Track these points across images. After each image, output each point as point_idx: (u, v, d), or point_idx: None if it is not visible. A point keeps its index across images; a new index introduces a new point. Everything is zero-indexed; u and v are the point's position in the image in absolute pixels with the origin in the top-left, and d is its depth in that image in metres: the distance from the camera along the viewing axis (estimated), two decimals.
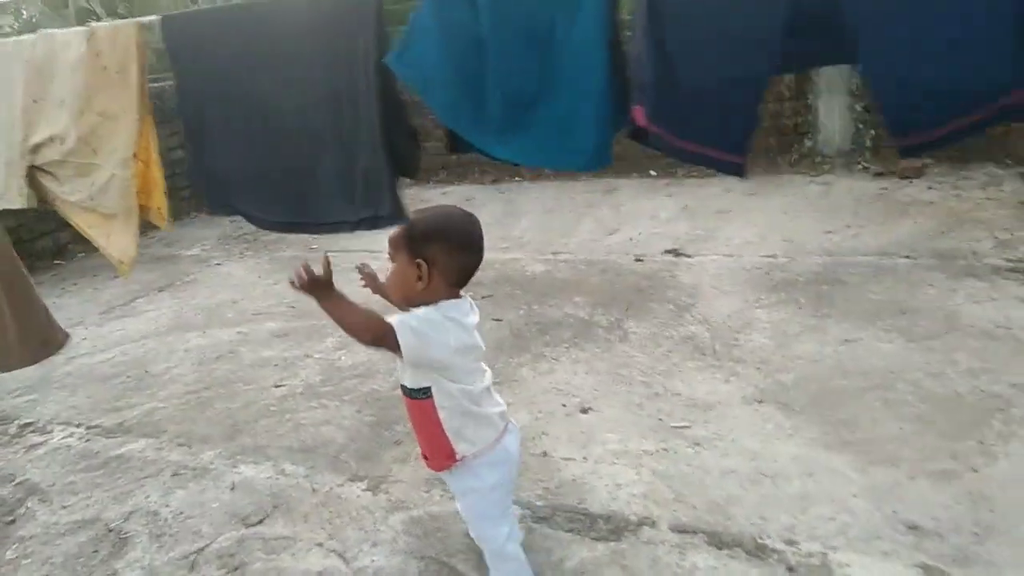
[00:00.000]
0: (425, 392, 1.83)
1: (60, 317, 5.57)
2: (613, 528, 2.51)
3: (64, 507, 3.05)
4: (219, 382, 4.06)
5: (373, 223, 1.75)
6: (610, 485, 2.74)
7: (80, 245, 7.32)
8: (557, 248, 5.57)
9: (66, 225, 2.72)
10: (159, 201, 2.05)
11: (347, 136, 1.67)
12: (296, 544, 2.64)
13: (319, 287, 1.71)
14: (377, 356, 4.08)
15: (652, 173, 7.09)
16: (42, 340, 2.47)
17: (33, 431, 3.77)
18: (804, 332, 3.74)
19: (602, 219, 6.10)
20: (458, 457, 1.92)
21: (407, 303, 1.81)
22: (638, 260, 5.06)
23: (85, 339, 5.03)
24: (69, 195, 2.13)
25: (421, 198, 7.68)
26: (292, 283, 1.70)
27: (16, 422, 3.89)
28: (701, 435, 2.98)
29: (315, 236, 6.95)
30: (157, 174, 2.04)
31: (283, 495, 2.93)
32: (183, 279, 6.09)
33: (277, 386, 3.91)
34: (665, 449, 2.92)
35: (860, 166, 6.41)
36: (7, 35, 7.13)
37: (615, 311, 4.28)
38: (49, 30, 2.01)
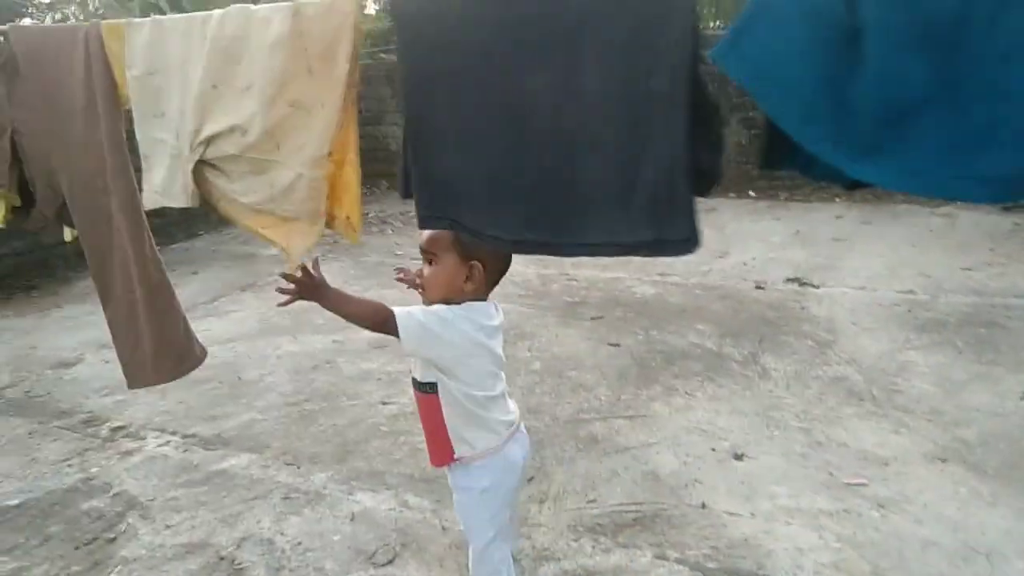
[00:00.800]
0: (432, 387, 1.82)
1: None
2: None
3: (168, 527, 2.79)
4: (320, 394, 3.79)
5: (655, 248, 1.44)
6: (790, 549, 2.39)
7: (156, 236, 7.16)
8: (663, 270, 5.24)
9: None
10: (351, 209, 1.76)
11: (631, 144, 1.36)
12: None
13: (315, 289, 1.69)
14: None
15: (751, 194, 6.73)
16: (179, 355, 2.20)
17: (126, 436, 3.53)
18: (973, 381, 3.36)
19: (707, 240, 5.71)
20: (456, 457, 1.89)
21: (443, 303, 1.77)
22: (759, 287, 4.71)
23: None
24: (241, 195, 1.85)
25: None
26: (283, 292, 1.69)
27: (107, 424, 3.66)
28: (883, 495, 2.63)
29: (400, 238, 6.72)
30: (352, 178, 1.74)
31: (411, 532, 2.63)
32: (265, 279, 5.87)
33: (385, 403, 3.63)
34: (846, 510, 2.57)
35: None
36: None
37: (746, 343, 3.93)
38: (244, 4, 1.73)
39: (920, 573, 2.25)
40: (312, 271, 1.71)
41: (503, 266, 1.85)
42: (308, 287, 1.70)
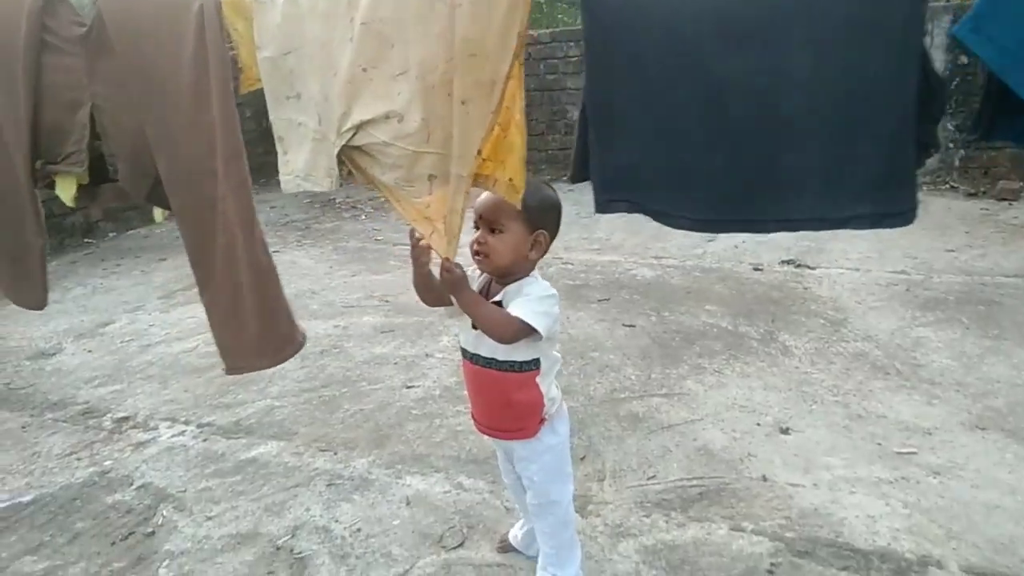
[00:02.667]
0: (535, 363, 1.85)
1: (115, 300, 5.11)
2: (895, 568, 2.20)
3: (209, 518, 2.64)
4: (336, 380, 3.65)
5: (872, 222, 1.42)
6: (862, 517, 2.43)
7: (111, 224, 6.82)
8: (656, 253, 5.27)
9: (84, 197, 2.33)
10: (513, 171, 1.66)
11: (847, 121, 1.34)
12: (519, 574, 2.27)
13: (456, 283, 1.74)
14: None
15: None
16: (284, 339, 2.06)
17: (134, 427, 3.33)
18: (987, 354, 3.48)
19: None
20: (545, 417, 1.93)
21: (505, 272, 1.83)
22: (757, 269, 4.78)
23: (153, 326, 4.57)
24: (389, 181, 1.74)
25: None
26: (441, 275, 1.75)
27: (109, 415, 3.44)
28: (936, 463, 2.69)
29: (378, 223, 6.56)
30: (517, 139, 1.64)
31: (473, 514, 2.56)
32: None
33: (409, 387, 3.52)
34: (904, 478, 2.62)
35: (948, 185, 6.24)
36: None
37: (760, 323, 3.98)
38: None
39: (993, 534, 2.31)
40: (452, 267, 1.73)
41: (554, 237, 1.90)
42: (448, 280, 1.74)
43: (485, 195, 1.78)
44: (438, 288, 1.88)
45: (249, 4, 1.74)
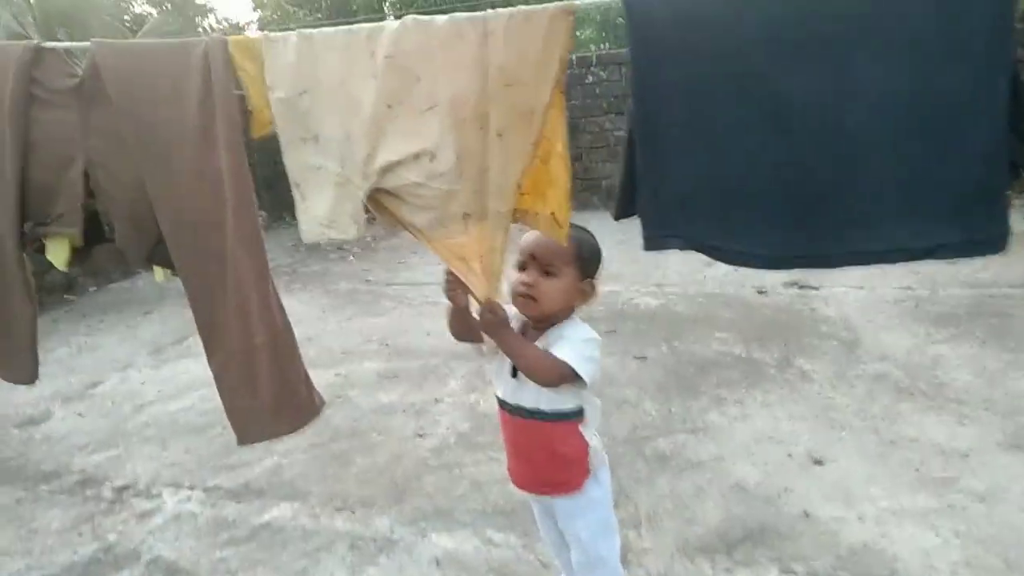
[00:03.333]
0: (579, 412, 1.77)
1: (102, 359, 4.93)
2: None
3: None
4: (345, 432, 3.51)
5: (961, 250, 1.35)
6: (915, 551, 2.33)
7: (91, 279, 6.63)
8: (657, 280, 5.21)
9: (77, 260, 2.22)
10: (556, 204, 1.57)
11: (930, 143, 1.27)
12: None
13: (498, 326, 1.67)
14: None
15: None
16: (300, 404, 1.94)
17: (136, 495, 3.16)
18: (1008, 369, 3.44)
19: (690, 252, 5.75)
20: (590, 468, 1.83)
21: (546, 317, 1.75)
22: (761, 292, 4.73)
23: (144, 383, 4.40)
24: (421, 224, 1.64)
25: None
26: (452, 292, 1.72)
27: (108, 484, 3.27)
28: (979, 488, 2.61)
29: (368, 264, 6.43)
30: (560, 172, 1.55)
31: (509, 572, 2.43)
32: None
33: (421, 436, 3.39)
34: (950, 506, 2.54)
35: None
36: None
37: (774, 348, 3.91)
38: (420, 17, 1.53)
39: None
40: (495, 308, 1.67)
41: None
42: (490, 322, 1.67)
43: (537, 235, 1.69)
44: (474, 327, 1.80)
45: (259, 43, 1.65)
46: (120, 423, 3.88)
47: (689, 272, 5.27)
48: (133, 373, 4.60)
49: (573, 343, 1.70)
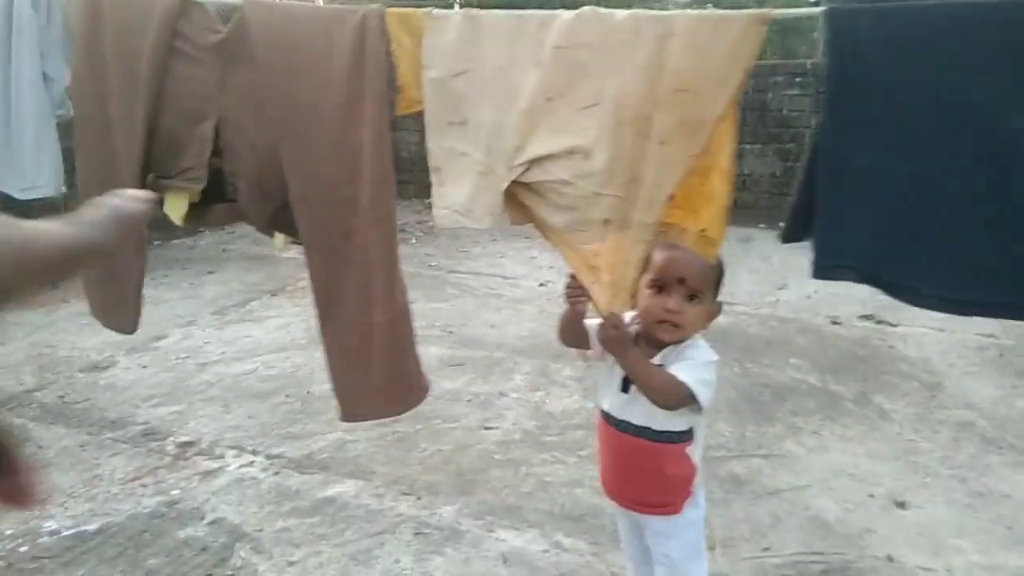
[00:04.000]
0: (689, 433, 1.69)
1: (166, 313, 4.95)
2: None
3: (291, 563, 2.45)
4: (409, 415, 3.44)
5: None
6: None
7: (156, 232, 6.67)
8: (725, 298, 5.05)
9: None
10: (710, 221, 1.51)
11: None
12: None
13: (619, 342, 1.61)
14: (592, 405, 3.53)
15: (782, 225, 6.62)
16: (411, 385, 1.89)
17: (198, 453, 3.15)
18: None
19: (757, 270, 5.64)
20: (692, 490, 1.76)
21: (677, 339, 1.66)
22: (835, 323, 4.60)
23: (208, 343, 4.41)
24: (558, 224, 1.59)
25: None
26: (605, 331, 1.61)
27: (171, 439, 3.27)
28: None
29: (431, 249, 6.41)
30: (719, 188, 1.49)
31: None
32: (294, 284, 5.47)
33: (487, 428, 3.34)
34: None
35: None
36: None
37: (851, 381, 3.79)
38: (598, 9, 1.46)
39: None
40: (619, 323, 1.61)
41: None
42: (613, 338, 1.61)
43: (685, 255, 1.60)
44: (583, 335, 1.75)
45: (420, 19, 1.59)
46: (183, 379, 3.88)
47: (760, 293, 5.16)
48: (196, 331, 4.62)
49: (694, 365, 1.61)
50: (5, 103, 2.00)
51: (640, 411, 1.67)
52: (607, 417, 1.76)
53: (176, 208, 1.96)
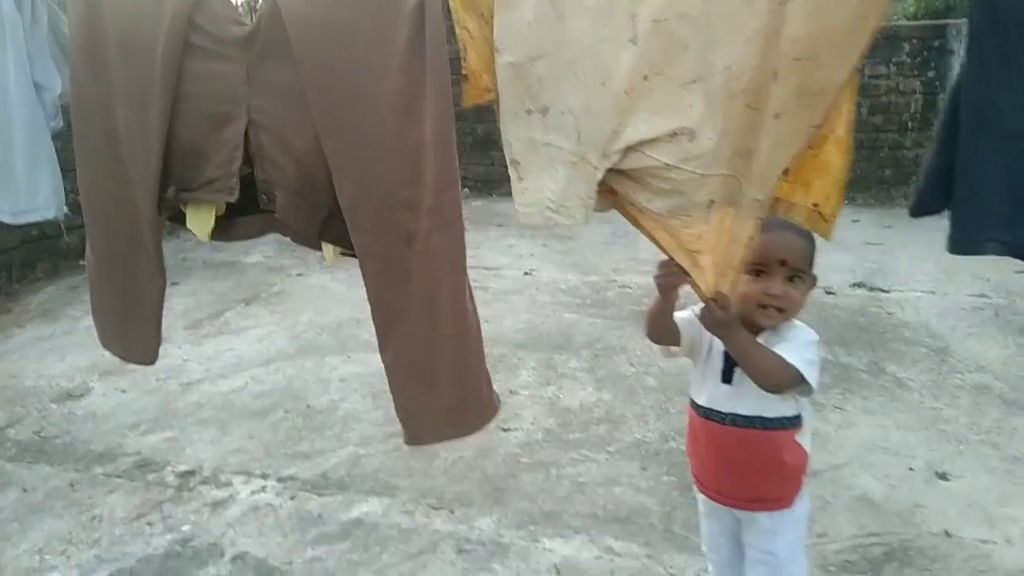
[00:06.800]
0: (799, 419, 1.61)
1: None
2: None
3: None
4: None
5: None
6: None
7: None
8: None
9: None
10: (823, 195, 1.38)
11: None
12: None
13: (725, 324, 1.48)
14: (609, 397, 3.43)
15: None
16: (481, 404, 1.73)
17: (203, 482, 2.93)
18: None
19: None
20: (803, 482, 1.68)
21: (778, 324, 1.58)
22: (829, 293, 4.57)
23: (188, 360, 4.15)
24: (648, 202, 1.45)
25: (494, 211, 7.02)
26: (709, 314, 1.47)
27: (169, 468, 3.04)
28: None
29: None
30: (835, 158, 1.35)
31: None
32: (267, 291, 5.23)
33: (505, 429, 3.19)
34: None
35: None
36: None
37: (860, 352, 3.76)
38: None
39: None
40: (727, 303, 1.46)
41: None
42: (721, 321, 1.47)
43: (786, 234, 1.50)
44: (674, 328, 1.67)
45: None
46: (169, 402, 3.63)
47: None
48: (171, 348, 4.33)
49: (798, 346, 1.54)
50: None
51: (749, 400, 1.58)
52: (708, 412, 1.67)
53: (201, 223, 1.76)
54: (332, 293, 5.08)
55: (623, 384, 3.56)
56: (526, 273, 5.30)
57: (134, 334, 1.90)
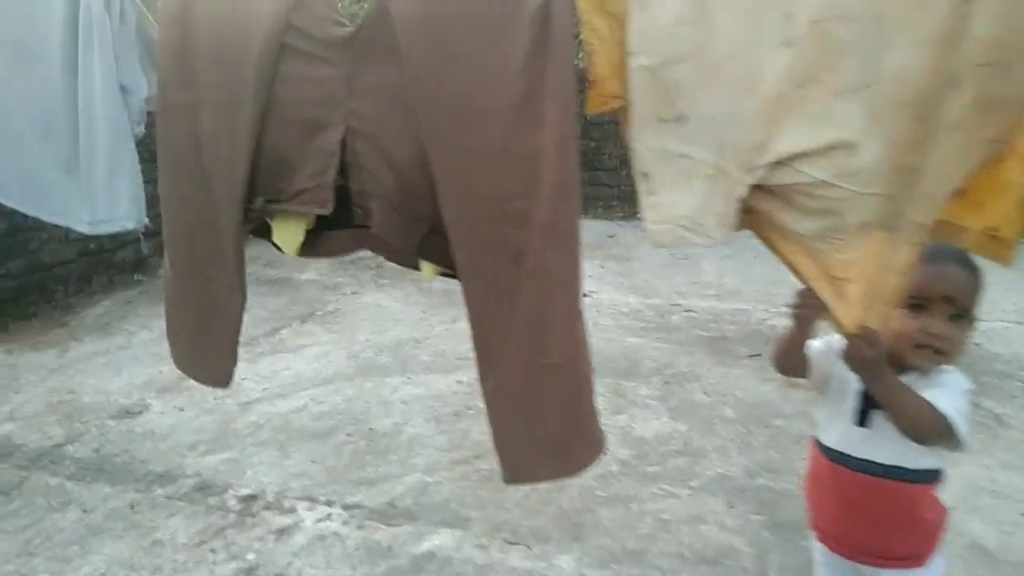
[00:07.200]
0: (940, 472, 1.51)
1: None
2: None
3: None
4: (488, 449, 3.09)
5: None
6: None
7: (161, 258, 6.29)
8: (784, 300, 4.82)
9: (152, 234, 1.96)
10: (1001, 217, 1.24)
11: None
12: None
13: (872, 364, 1.35)
14: (685, 428, 3.27)
15: None
16: (590, 439, 1.59)
17: (266, 508, 2.81)
18: None
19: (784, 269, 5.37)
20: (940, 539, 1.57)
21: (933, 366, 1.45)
22: None
23: (245, 379, 4.04)
24: (795, 223, 1.32)
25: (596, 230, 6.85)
26: (854, 352, 1.35)
27: (231, 492, 2.93)
28: None
29: None
30: (1015, 174, 1.22)
31: None
32: (323, 309, 5.15)
33: None
34: None
35: None
36: None
37: None
38: None
39: None
40: (875, 340, 1.33)
41: None
42: (868, 360, 1.35)
43: (955, 268, 1.37)
44: (804, 359, 1.54)
45: None
46: (228, 422, 3.54)
47: (764, 292, 4.92)
48: None
49: (952, 393, 1.42)
50: (70, 121, 1.67)
51: (888, 448, 1.46)
52: (838, 456, 1.54)
53: (290, 238, 1.65)
54: (388, 312, 4.98)
55: (698, 414, 3.39)
56: (585, 295, 5.16)
57: (209, 354, 1.80)
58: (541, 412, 1.53)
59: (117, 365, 4.29)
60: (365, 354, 4.28)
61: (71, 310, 5.34)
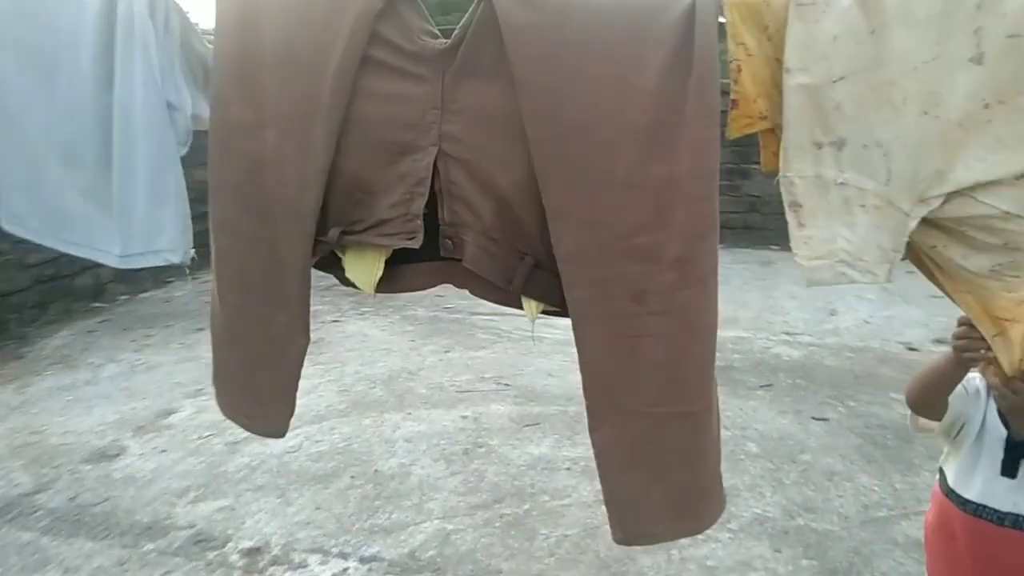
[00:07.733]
0: None
1: (164, 381, 4.27)
2: None
3: None
4: (508, 492, 2.97)
5: None
6: None
7: (122, 285, 5.95)
8: (783, 327, 4.78)
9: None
10: None
11: None
12: None
13: None
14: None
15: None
16: (712, 499, 1.42)
17: (274, 563, 2.57)
18: None
19: (798, 295, 5.33)
20: None
21: None
22: (912, 350, 4.33)
23: None
24: (964, 259, 1.18)
25: None
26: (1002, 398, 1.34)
27: (231, 545, 2.67)
28: None
29: (442, 290, 5.89)
30: None
31: None
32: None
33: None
34: None
35: None
36: None
37: None
38: None
39: None
40: None
41: None
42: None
43: None
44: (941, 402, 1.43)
45: (781, 7, 1.16)
46: (217, 465, 3.27)
47: (814, 320, 4.87)
48: (208, 401, 3.96)
49: None
50: (101, 143, 1.45)
51: None
52: (980, 509, 1.42)
53: (365, 272, 1.45)
54: (375, 342, 4.74)
55: (723, 450, 3.24)
56: None
57: (264, 401, 1.58)
58: (663, 466, 1.36)
59: (85, 402, 3.96)
60: (357, 388, 4.04)
61: (28, 341, 4.97)
